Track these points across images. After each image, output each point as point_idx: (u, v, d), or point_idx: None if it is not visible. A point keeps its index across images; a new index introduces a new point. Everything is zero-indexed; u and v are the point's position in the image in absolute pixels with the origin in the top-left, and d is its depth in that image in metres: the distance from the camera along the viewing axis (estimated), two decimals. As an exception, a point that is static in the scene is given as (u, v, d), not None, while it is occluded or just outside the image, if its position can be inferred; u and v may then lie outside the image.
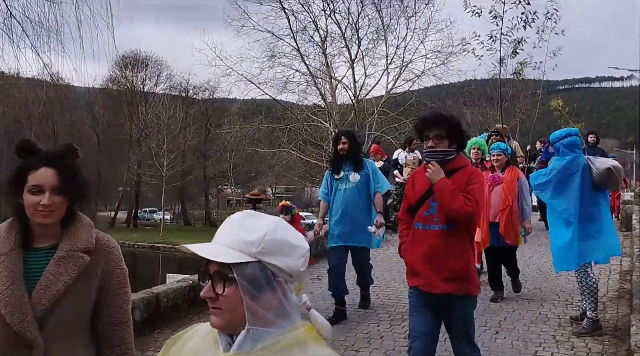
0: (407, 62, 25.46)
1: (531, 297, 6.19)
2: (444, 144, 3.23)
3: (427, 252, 3.28)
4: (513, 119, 25.84)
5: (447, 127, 3.21)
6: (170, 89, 48.16)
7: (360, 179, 5.45)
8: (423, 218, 3.32)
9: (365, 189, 5.52)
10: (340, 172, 5.53)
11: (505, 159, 6.06)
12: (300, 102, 27.18)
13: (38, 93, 16.52)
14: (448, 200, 3.13)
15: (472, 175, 3.27)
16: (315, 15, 25.48)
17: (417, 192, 3.38)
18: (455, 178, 3.21)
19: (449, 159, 3.26)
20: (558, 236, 4.93)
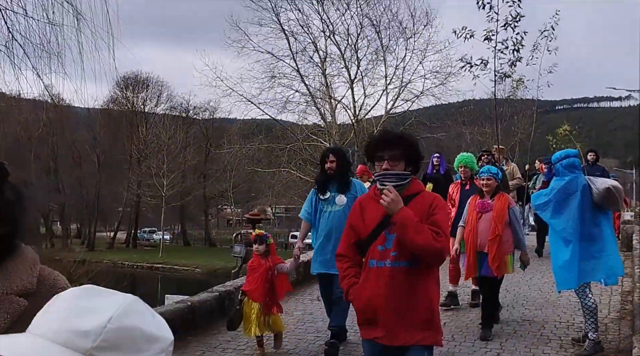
0: (406, 82, 25.70)
1: (532, 318, 6.14)
2: (399, 167, 2.78)
3: (384, 294, 2.70)
4: (512, 139, 25.97)
5: (403, 148, 2.79)
6: (170, 110, 48.53)
7: (347, 202, 4.93)
8: (378, 254, 2.75)
9: None
10: (326, 192, 5.11)
11: (495, 184, 5.58)
12: (300, 122, 27.36)
13: (38, 114, 16.61)
14: (413, 235, 2.58)
15: (434, 202, 2.76)
16: (315, 37, 25.80)
17: (369, 223, 2.82)
18: (414, 205, 2.72)
19: (405, 184, 2.79)
20: (558, 255, 4.94)
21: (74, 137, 46.19)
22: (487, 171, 5.66)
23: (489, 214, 5.46)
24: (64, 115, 39.33)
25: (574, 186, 4.83)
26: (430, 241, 2.56)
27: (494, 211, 5.45)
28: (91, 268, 16.01)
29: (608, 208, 4.93)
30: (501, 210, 5.45)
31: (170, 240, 51.27)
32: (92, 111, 44.35)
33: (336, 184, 5.07)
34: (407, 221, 2.59)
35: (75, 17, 6.14)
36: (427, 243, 2.56)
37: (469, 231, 5.54)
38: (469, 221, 5.58)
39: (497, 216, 5.43)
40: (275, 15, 25.12)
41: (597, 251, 4.80)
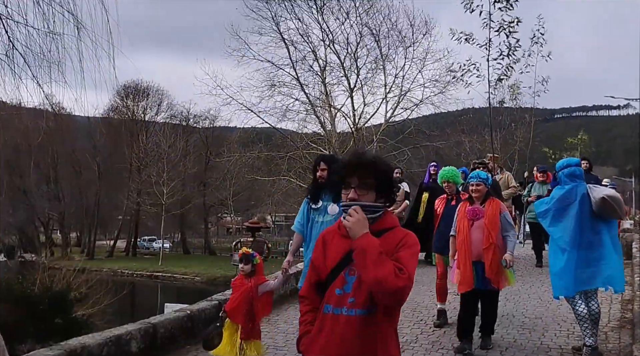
0: (406, 91, 25.77)
1: (532, 327, 6.12)
2: (368, 197, 2.38)
3: (338, 347, 2.33)
4: (512, 147, 26.01)
5: (375, 175, 2.38)
6: (170, 118, 48.69)
7: (339, 211, 4.55)
8: (335, 299, 2.34)
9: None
10: (318, 201, 4.95)
11: (485, 189, 5.33)
12: (300, 131, 27.41)
13: (39, 123, 16.66)
14: (373, 265, 2.18)
15: (405, 238, 2.38)
16: (315, 45, 25.90)
17: (330, 261, 2.42)
18: (383, 241, 2.31)
19: (376, 217, 2.39)
20: (555, 262, 4.99)
21: (74, 145, 46.30)
22: (476, 176, 5.40)
23: (481, 222, 5.20)
24: (64, 124, 39.47)
25: (573, 195, 4.86)
26: (391, 276, 2.15)
27: (486, 217, 5.19)
28: (91, 277, 15.95)
29: (608, 217, 4.92)
30: (493, 216, 5.20)
31: (170, 248, 51.21)
32: (92, 120, 44.46)
33: (328, 192, 4.86)
34: (369, 248, 2.20)
35: (76, 26, 6.19)
36: (386, 278, 2.15)
37: (462, 240, 5.25)
38: (460, 230, 5.31)
39: (490, 223, 5.17)
40: (275, 25, 25.26)
41: (595, 259, 4.81)
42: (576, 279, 4.80)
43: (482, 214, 5.22)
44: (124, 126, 46.98)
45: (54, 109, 13.69)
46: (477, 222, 5.21)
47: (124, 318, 13.47)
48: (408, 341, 5.71)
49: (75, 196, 45.39)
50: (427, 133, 26.41)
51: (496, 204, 5.31)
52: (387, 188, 2.44)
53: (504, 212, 5.28)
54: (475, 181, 5.35)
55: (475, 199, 5.34)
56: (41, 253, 34.02)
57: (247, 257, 4.77)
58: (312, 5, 25.40)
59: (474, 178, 5.39)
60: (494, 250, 5.10)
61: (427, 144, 25.39)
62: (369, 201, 2.37)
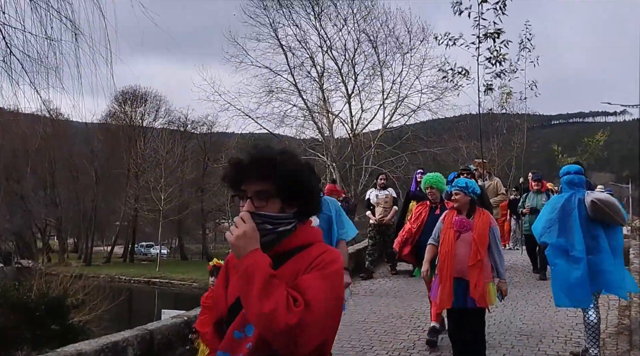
0: (403, 97, 25.86)
1: (530, 333, 6.12)
2: (272, 207, 1.77)
3: None
4: (509, 153, 26.08)
5: (277, 178, 1.76)
6: (168, 124, 48.64)
7: (319, 223, 4.28)
8: (231, 343, 1.76)
9: (326, 236, 4.29)
10: None
11: (466, 199, 4.82)
12: (298, 136, 27.44)
13: (36, 128, 16.65)
14: (258, 295, 1.61)
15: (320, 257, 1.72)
16: (313, 52, 25.98)
17: (230, 295, 1.85)
18: (293, 264, 1.73)
19: (283, 232, 1.77)
20: (571, 272, 4.84)
21: (72, 151, 46.25)
22: (455, 184, 4.96)
23: (468, 235, 4.72)
24: (62, 129, 39.45)
25: (572, 203, 4.89)
26: (281, 309, 1.57)
27: (475, 231, 4.72)
28: (88, 283, 15.91)
29: (607, 222, 4.89)
30: (483, 230, 4.72)
31: (167, 254, 51.07)
32: (90, 125, 44.45)
33: None
34: (255, 271, 1.63)
35: (74, 32, 6.20)
36: (274, 312, 1.57)
37: (445, 253, 4.77)
38: (445, 241, 4.81)
39: (479, 238, 4.70)
40: (273, 31, 25.34)
41: (594, 264, 4.82)
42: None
43: (470, 227, 4.75)
44: (122, 132, 46.96)
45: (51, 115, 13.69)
46: (464, 234, 4.74)
47: (121, 324, 13.42)
48: (405, 347, 5.71)
49: (73, 202, 45.30)
50: (425, 139, 26.47)
51: (486, 217, 4.83)
52: (298, 193, 1.78)
53: (493, 226, 4.82)
54: (454, 190, 4.93)
55: (460, 210, 4.88)
56: (38, 259, 33.93)
57: (217, 269, 4.02)
58: (309, 12, 25.52)
59: (452, 187, 5.01)
60: (481, 268, 4.65)
61: (424, 150, 25.45)
62: (272, 212, 1.76)
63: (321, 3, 25.49)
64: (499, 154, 26.54)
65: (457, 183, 4.96)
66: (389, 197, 9.70)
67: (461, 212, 4.86)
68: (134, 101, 48.28)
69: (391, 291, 8.47)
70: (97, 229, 47.84)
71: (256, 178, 1.78)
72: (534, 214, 8.74)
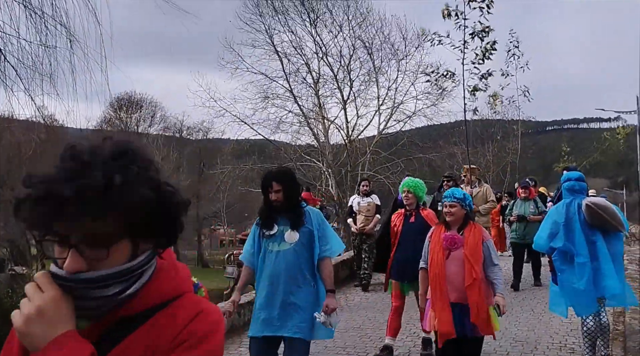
0: (399, 103, 25.88)
1: (525, 339, 6.12)
2: (117, 255, 1.05)
3: None
4: (504, 159, 26.18)
5: (117, 211, 1.01)
6: (164, 130, 48.60)
7: (300, 238, 3.81)
8: None
9: (308, 253, 3.85)
10: (273, 226, 3.88)
11: (462, 212, 4.26)
12: (294, 142, 27.42)
13: (31, 135, 16.63)
14: None
15: (190, 327, 1.08)
16: (308, 58, 26.01)
17: None
18: (142, 338, 1.07)
19: (133, 293, 1.08)
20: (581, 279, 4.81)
21: (67, 157, 46.12)
22: (450, 195, 4.32)
23: (460, 253, 4.15)
24: (57, 136, 39.32)
25: (572, 209, 4.92)
26: None
27: (466, 247, 4.15)
28: (82, 290, 15.81)
29: (603, 227, 4.86)
30: (475, 246, 4.15)
31: (162, 261, 50.87)
32: (85, 132, 44.34)
33: (286, 216, 3.87)
34: None
35: (68, 39, 6.20)
36: None
37: (435, 275, 4.20)
38: (434, 262, 4.24)
39: (472, 254, 4.12)
40: (269, 37, 25.37)
41: (594, 270, 4.81)
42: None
43: (461, 244, 4.17)
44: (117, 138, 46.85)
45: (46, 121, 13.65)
46: (455, 252, 4.17)
47: (115, 331, 13.31)
48: (402, 353, 5.70)
49: (67, 208, 45.10)
50: (420, 145, 26.52)
51: (478, 230, 4.26)
52: (158, 223, 1.08)
53: (487, 240, 4.26)
54: (449, 201, 4.28)
55: (451, 225, 4.29)
56: (32, 266, 33.70)
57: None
58: (305, 19, 25.58)
59: (449, 197, 4.31)
60: (479, 288, 4.07)
61: (420, 156, 25.48)
62: (113, 266, 1.04)
63: (317, 10, 25.58)
64: (493, 160, 26.64)
65: (453, 194, 4.30)
66: (371, 205, 9.14)
67: (451, 227, 4.28)
68: (130, 107, 48.26)
69: (387, 298, 8.45)
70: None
71: (76, 217, 0.99)
72: (522, 222, 8.67)
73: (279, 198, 3.82)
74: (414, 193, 5.50)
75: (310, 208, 3.98)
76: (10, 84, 6.15)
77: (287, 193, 3.83)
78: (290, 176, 4.00)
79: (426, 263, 4.40)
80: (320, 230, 3.89)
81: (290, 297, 3.76)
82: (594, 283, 4.78)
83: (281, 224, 3.87)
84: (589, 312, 4.89)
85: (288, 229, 3.83)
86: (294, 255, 3.81)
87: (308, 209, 3.93)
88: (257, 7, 25.22)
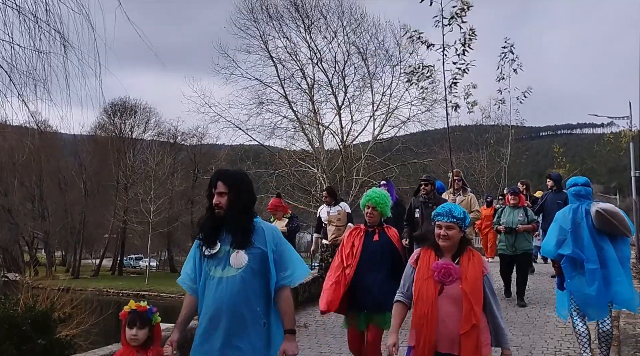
0: (393, 108, 26.02)
1: (520, 344, 6.12)
2: None
3: None
4: (498, 165, 26.29)
5: None
6: (158, 136, 48.62)
7: (249, 262, 2.97)
8: None
9: (259, 281, 3.00)
10: (215, 243, 3.03)
11: (459, 235, 3.25)
12: (288, 148, 27.49)
13: (24, 141, 16.54)
14: None
15: None
16: (303, 64, 26.14)
17: None
18: None
19: None
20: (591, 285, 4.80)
21: (60, 163, 45.97)
22: (447, 213, 3.25)
23: (456, 288, 3.13)
24: (50, 141, 39.21)
25: (580, 215, 4.91)
26: None
27: (465, 282, 3.14)
28: (75, 296, 15.71)
29: (611, 232, 4.86)
30: (475, 280, 3.15)
31: (156, 267, 50.70)
32: (78, 137, 44.26)
33: (231, 230, 3.01)
34: None
35: (62, 44, 6.17)
36: None
37: (423, 316, 3.13)
38: (421, 299, 3.16)
39: (472, 291, 3.12)
40: (264, 43, 25.50)
41: (603, 275, 4.82)
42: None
43: (457, 276, 3.15)
44: (111, 144, 46.78)
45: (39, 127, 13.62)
46: (449, 287, 3.14)
47: (109, 338, 13.24)
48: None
49: (61, 215, 44.91)
50: (415, 150, 26.63)
51: (478, 260, 3.23)
52: None
53: (487, 273, 3.23)
54: (445, 221, 3.23)
55: (445, 250, 3.25)
56: (25, 273, 33.49)
57: (141, 317, 3.19)
58: (300, 25, 25.72)
59: (444, 216, 3.25)
60: (478, 338, 3.10)
61: (414, 161, 25.58)
62: None
63: (311, 16, 25.71)
64: (487, 165, 26.75)
65: (450, 212, 3.26)
66: (341, 213, 8.28)
67: (444, 254, 3.24)
68: (124, 112, 48.23)
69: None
70: (85, 241, 47.44)
71: None
72: (510, 234, 7.89)
73: (222, 203, 3.01)
74: (379, 211, 4.54)
75: (264, 224, 3.12)
76: (4, 89, 6.13)
77: (234, 198, 3.01)
78: (241, 179, 3.13)
79: (407, 297, 3.35)
80: (277, 251, 3.02)
81: (233, 340, 2.93)
82: (606, 288, 4.78)
83: (226, 243, 3.02)
84: (602, 316, 4.88)
85: (234, 250, 2.98)
86: (240, 284, 2.94)
87: (261, 225, 3.08)
88: (251, 13, 25.35)
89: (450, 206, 3.34)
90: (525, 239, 7.97)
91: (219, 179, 3.05)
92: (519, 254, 7.93)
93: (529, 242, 8.08)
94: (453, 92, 8.86)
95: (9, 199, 40.21)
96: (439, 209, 3.34)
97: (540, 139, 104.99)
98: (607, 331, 4.89)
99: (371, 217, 4.55)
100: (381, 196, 4.59)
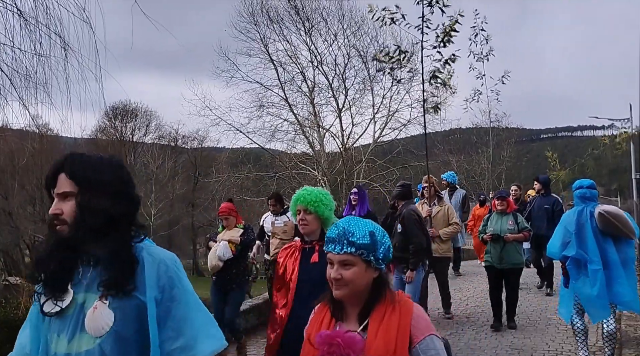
0: (393, 111, 26.00)
1: (521, 347, 6.11)
2: None
3: None
4: (499, 167, 26.29)
5: None
6: (159, 139, 48.55)
7: (116, 322, 1.67)
8: None
9: (135, 351, 1.68)
10: (64, 290, 1.73)
11: (366, 276, 1.88)
12: (289, 151, 27.47)
13: (25, 144, 16.59)
14: None
15: None
16: (303, 67, 26.13)
17: None
18: None
19: None
20: (595, 285, 4.83)
21: (61, 166, 46.00)
22: (340, 236, 1.90)
23: None
24: (51, 145, 39.23)
25: (584, 216, 4.95)
26: None
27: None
28: (76, 300, 15.70)
29: (615, 234, 4.88)
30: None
31: (157, 270, 50.71)
32: (79, 141, 44.29)
33: (90, 267, 1.76)
34: None
35: (63, 47, 6.19)
36: None
37: None
38: None
39: None
40: (264, 46, 25.48)
41: (607, 277, 4.83)
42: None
43: (359, 352, 1.79)
44: (112, 147, 46.76)
45: (40, 130, 13.61)
46: None
47: (110, 341, 13.21)
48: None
49: (62, 218, 44.88)
50: (415, 153, 26.61)
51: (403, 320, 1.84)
52: None
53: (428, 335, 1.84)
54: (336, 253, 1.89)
55: (345, 304, 1.94)
56: (25, 276, 33.51)
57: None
58: (300, 28, 25.72)
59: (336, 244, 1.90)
60: None
61: (415, 164, 25.56)
62: None
63: (311, 19, 25.72)
64: (488, 167, 26.74)
65: (344, 233, 1.89)
66: (288, 225, 7.18)
67: (345, 310, 1.93)
68: (124, 116, 48.23)
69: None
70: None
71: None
72: (497, 242, 6.92)
73: (64, 212, 1.80)
74: (314, 214, 3.17)
75: (151, 249, 1.80)
76: (5, 93, 6.14)
77: (86, 203, 1.75)
78: (102, 168, 1.81)
79: None
80: (164, 302, 1.71)
81: None
82: (608, 289, 4.81)
83: (81, 286, 1.74)
84: (604, 317, 4.91)
85: (94, 297, 1.70)
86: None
87: (146, 252, 1.76)
88: (252, 17, 25.37)
89: (349, 224, 1.90)
90: (515, 251, 6.90)
91: (61, 170, 1.80)
92: (508, 268, 6.87)
93: (520, 254, 6.98)
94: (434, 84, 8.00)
95: (9, 203, 40.21)
96: (330, 231, 1.94)
97: (541, 141, 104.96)
98: (611, 331, 4.90)
99: (305, 225, 3.17)
100: (314, 193, 3.21)
